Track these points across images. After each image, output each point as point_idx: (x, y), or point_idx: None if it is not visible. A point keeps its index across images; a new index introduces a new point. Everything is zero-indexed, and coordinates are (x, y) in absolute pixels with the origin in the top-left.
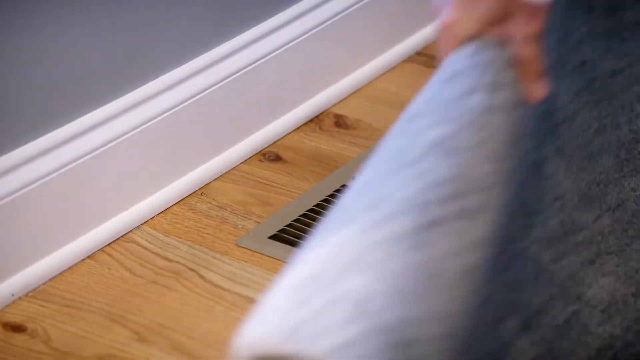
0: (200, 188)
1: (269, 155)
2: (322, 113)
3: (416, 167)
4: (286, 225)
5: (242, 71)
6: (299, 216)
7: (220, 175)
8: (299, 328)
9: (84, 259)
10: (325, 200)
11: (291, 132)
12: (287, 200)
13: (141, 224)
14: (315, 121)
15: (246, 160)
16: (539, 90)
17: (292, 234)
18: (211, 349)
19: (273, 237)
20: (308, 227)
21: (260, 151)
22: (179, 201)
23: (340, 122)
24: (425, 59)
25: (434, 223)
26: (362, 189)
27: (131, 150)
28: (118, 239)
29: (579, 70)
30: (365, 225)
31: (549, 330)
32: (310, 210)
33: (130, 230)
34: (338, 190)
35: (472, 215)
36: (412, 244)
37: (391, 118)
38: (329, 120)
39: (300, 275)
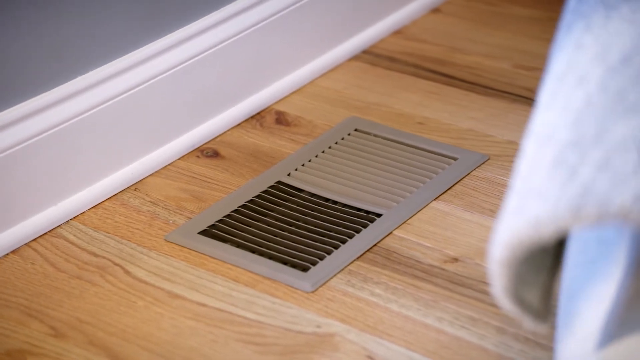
0: (135, 184)
1: (207, 151)
2: (264, 110)
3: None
4: (217, 221)
5: (182, 65)
6: (231, 212)
7: (156, 171)
8: (584, 194)
9: (7, 254)
10: (258, 197)
11: (232, 128)
12: (221, 196)
13: (70, 219)
14: (257, 118)
15: (183, 156)
16: None
17: (223, 230)
18: (128, 344)
19: (203, 233)
20: (239, 222)
21: (198, 147)
22: (112, 196)
23: (281, 119)
24: (372, 57)
25: None
26: (583, 38)
27: (62, 144)
28: (45, 234)
29: None
30: (605, 75)
31: None
32: (243, 206)
33: (59, 225)
34: (272, 187)
35: None
36: None
37: (331, 115)
38: (270, 117)
39: (549, 151)
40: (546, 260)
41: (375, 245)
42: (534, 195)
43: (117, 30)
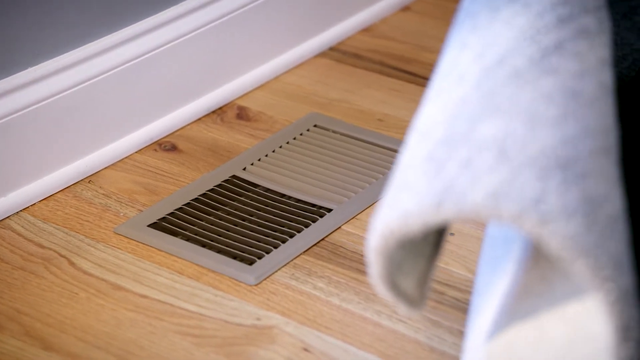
0: (89, 176)
1: (165, 145)
2: (226, 105)
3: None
4: (168, 214)
5: (143, 57)
6: (182, 205)
7: (112, 164)
8: (446, 190)
9: None
10: (212, 190)
11: (192, 122)
12: (174, 189)
13: (20, 211)
14: (218, 112)
15: (141, 149)
16: None
17: (173, 223)
18: (65, 335)
19: (152, 226)
20: (190, 216)
21: (157, 141)
22: (64, 188)
23: (242, 114)
24: (338, 54)
25: (556, 47)
26: (469, 38)
27: (14, 135)
28: None
29: None
30: (481, 75)
31: None
32: (195, 199)
33: (7, 217)
34: (227, 181)
35: (589, 36)
36: (540, 72)
37: (293, 111)
38: (232, 112)
39: (424, 146)
40: (425, 249)
41: (322, 239)
42: (407, 189)
43: (73, 21)
